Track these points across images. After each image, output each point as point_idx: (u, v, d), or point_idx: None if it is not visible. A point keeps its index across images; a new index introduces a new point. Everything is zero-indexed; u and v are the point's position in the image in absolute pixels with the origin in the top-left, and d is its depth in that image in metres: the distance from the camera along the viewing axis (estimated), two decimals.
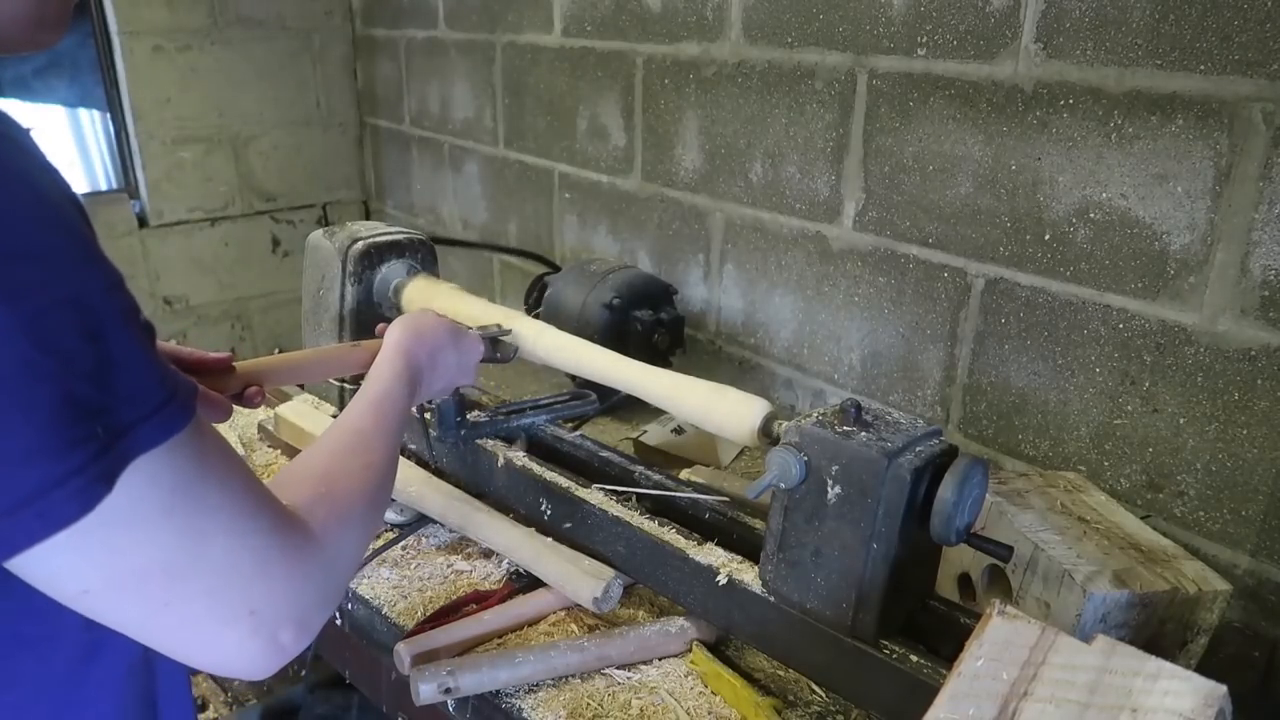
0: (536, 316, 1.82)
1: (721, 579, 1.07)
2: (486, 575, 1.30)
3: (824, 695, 1.08)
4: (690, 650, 1.14)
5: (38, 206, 0.51)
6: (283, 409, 1.62)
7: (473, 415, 1.38)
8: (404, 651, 1.11)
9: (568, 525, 1.25)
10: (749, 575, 1.06)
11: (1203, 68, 1.20)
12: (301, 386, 1.73)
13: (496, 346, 1.26)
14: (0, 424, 0.47)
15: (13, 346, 0.47)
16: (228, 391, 0.94)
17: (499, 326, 1.28)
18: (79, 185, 2.88)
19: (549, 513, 1.27)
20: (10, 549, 0.49)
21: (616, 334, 1.75)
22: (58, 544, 0.50)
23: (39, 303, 0.48)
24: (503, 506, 1.34)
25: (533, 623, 1.20)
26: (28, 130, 0.54)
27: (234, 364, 0.95)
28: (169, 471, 0.53)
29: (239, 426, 1.70)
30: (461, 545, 1.37)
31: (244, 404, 0.96)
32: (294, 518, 0.63)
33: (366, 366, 0.98)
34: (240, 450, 1.56)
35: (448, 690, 1.05)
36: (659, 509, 1.22)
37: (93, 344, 0.50)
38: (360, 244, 1.47)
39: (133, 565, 0.53)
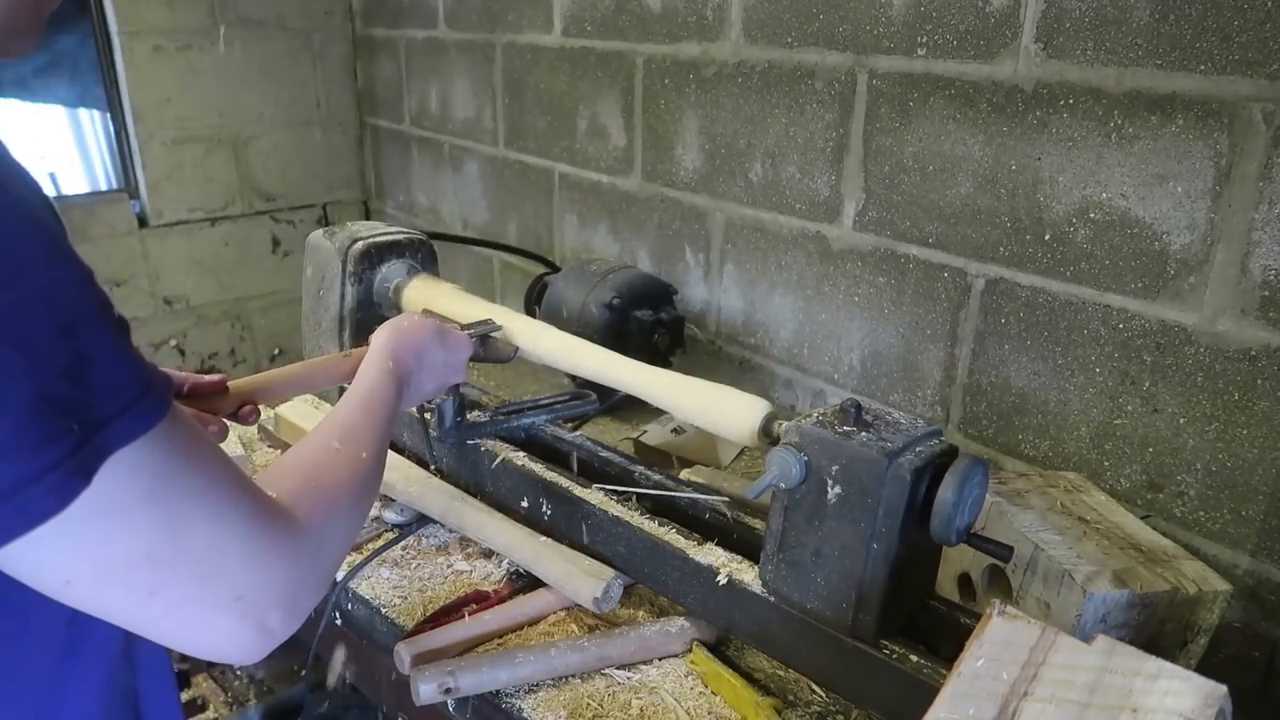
0: (535, 316, 1.82)
1: (721, 579, 1.07)
2: (486, 575, 1.30)
3: (824, 695, 1.08)
4: (690, 650, 1.14)
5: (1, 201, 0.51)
6: (283, 409, 1.62)
7: (473, 415, 1.38)
8: (404, 651, 1.11)
9: (567, 525, 1.25)
10: (749, 575, 1.06)
11: (1203, 68, 1.20)
12: None
13: (485, 343, 1.25)
14: None
15: None
16: (222, 412, 0.96)
17: (489, 323, 1.28)
18: (79, 185, 2.88)
19: (549, 513, 1.27)
20: None
21: (616, 334, 1.75)
22: (39, 537, 0.50)
23: (6, 299, 0.48)
24: (503, 506, 1.34)
25: (533, 623, 1.20)
26: None
27: (227, 385, 0.97)
28: (149, 463, 0.54)
29: (239, 426, 1.70)
30: (461, 545, 1.37)
31: (239, 422, 0.98)
32: (278, 506, 0.63)
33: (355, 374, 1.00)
34: (240, 451, 1.56)
35: (448, 690, 1.05)
36: (659, 509, 1.22)
37: (66, 340, 0.50)
38: (360, 244, 1.47)
39: (117, 555, 0.53)
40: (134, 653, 0.73)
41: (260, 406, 1.00)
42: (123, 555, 0.54)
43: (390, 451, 1.46)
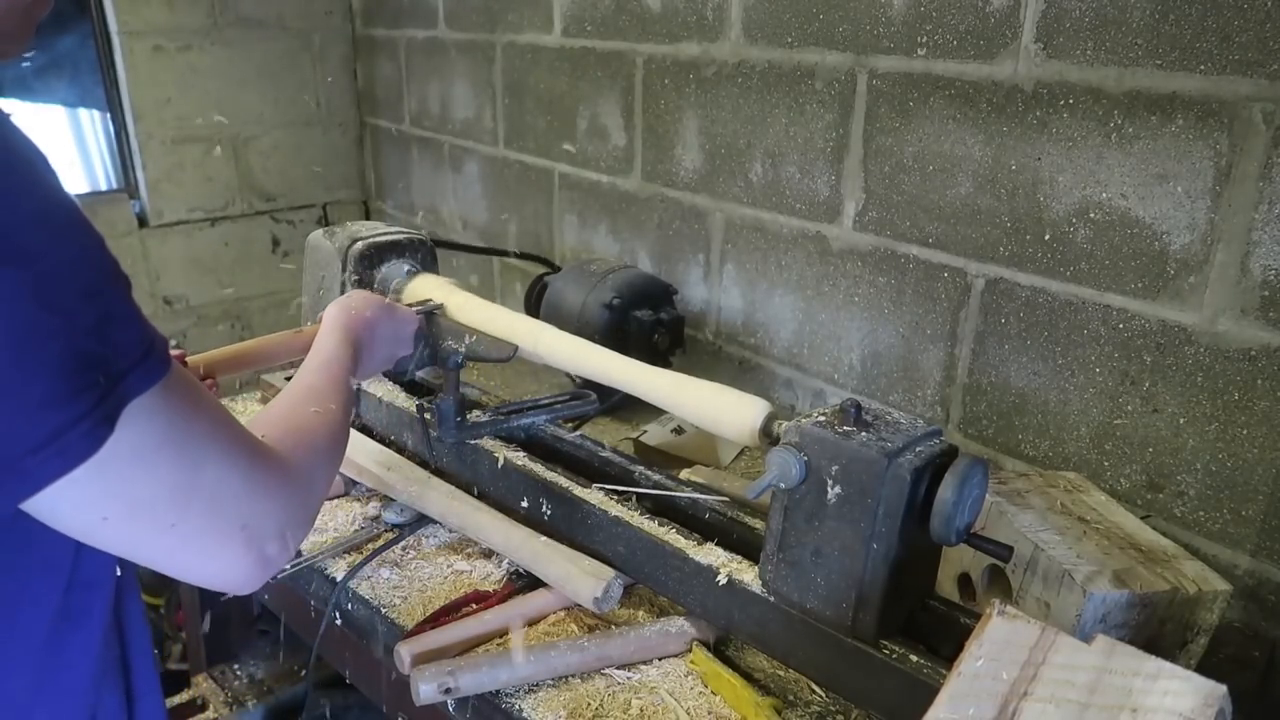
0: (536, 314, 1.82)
1: (721, 579, 1.07)
2: (486, 575, 1.30)
3: (824, 695, 1.08)
4: (690, 650, 1.14)
5: (33, 177, 0.56)
6: None
7: (473, 415, 1.38)
8: (404, 651, 1.11)
9: (567, 525, 1.25)
10: (749, 575, 1.06)
11: (1203, 68, 1.20)
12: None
13: (430, 320, 1.32)
14: (20, 376, 0.53)
15: (24, 307, 0.52)
16: None
17: (431, 301, 1.36)
18: (79, 185, 2.88)
19: (549, 513, 1.27)
20: (35, 485, 0.56)
21: (616, 334, 1.75)
22: (80, 479, 0.56)
23: (43, 266, 0.53)
24: (503, 506, 1.34)
25: (533, 623, 1.20)
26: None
27: (185, 360, 1.02)
28: (163, 409, 0.60)
29: None
30: (461, 545, 1.37)
31: None
32: (270, 447, 0.71)
33: (309, 349, 1.05)
34: None
35: (448, 690, 1.05)
36: (659, 509, 1.22)
37: (91, 302, 0.56)
38: (360, 244, 1.48)
39: (143, 492, 0.60)
40: (125, 622, 0.78)
41: (219, 382, 1.05)
42: (149, 492, 0.60)
43: (390, 451, 1.47)
